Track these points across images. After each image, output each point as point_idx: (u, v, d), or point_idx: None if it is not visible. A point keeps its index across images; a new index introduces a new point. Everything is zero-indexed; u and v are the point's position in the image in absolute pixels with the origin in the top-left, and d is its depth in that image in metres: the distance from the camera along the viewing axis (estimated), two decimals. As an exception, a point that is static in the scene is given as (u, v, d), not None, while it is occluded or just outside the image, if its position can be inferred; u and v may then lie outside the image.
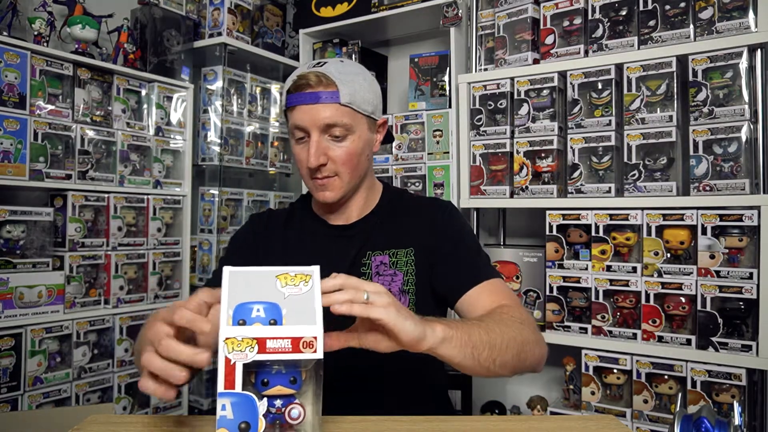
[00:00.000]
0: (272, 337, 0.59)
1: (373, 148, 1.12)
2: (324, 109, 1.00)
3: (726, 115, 1.53)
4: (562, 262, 1.75)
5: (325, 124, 1.01)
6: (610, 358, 1.66)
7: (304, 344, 0.59)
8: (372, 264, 1.08)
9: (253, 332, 0.59)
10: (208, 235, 2.28)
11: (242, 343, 0.59)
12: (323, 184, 1.04)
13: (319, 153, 1.01)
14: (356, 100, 1.03)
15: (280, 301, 0.62)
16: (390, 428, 0.78)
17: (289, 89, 1.04)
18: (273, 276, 0.65)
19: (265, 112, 2.47)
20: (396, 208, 1.15)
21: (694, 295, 1.54)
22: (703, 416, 0.78)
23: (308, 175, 1.05)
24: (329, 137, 1.02)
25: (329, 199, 1.06)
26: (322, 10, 2.34)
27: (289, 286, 0.64)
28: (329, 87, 1.00)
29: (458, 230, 1.11)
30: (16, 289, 1.64)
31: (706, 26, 1.58)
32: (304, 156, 1.03)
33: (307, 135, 1.02)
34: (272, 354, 0.59)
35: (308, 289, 0.64)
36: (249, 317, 0.61)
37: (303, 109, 1.01)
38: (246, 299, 0.62)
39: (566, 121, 1.78)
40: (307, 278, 0.65)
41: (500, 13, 1.91)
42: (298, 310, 0.62)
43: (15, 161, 1.65)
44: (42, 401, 1.69)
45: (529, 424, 0.84)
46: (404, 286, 1.07)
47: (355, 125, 1.03)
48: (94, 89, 1.90)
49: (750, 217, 1.47)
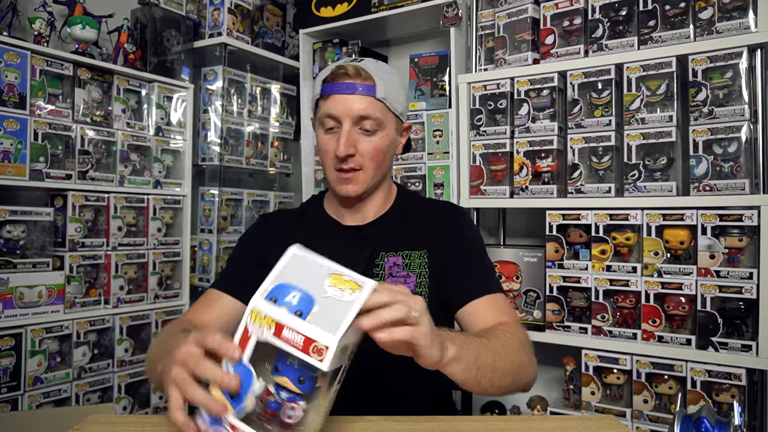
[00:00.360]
0: (290, 328, 0.58)
1: (396, 149, 1.13)
2: (359, 100, 1.01)
3: (726, 115, 1.53)
4: (562, 262, 1.75)
5: (358, 116, 1.01)
6: (610, 358, 1.66)
7: (314, 349, 0.57)
8: (385, 265, 1.08)
9: (276, 314, 0.59)
10: (208, 235, 2.28)
11: (263, 320, 0.59)
12: (348, 177, 1.04)
13: (350, 143, 1.02)
14: (390, 98, 1.04)
15: (318, 298, 0.61)
16: (390, 428, 0.78)
17: (325, 78, 1.04)
18: (327, 272, 0.64)
19: (265, 112, 2.47)
20: (410, 210, 1.15)
21: (694, 295, 1.54)
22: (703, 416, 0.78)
23: (333, 166, 1.05)
24: (360, 130, 1.03)
25: (351, 193, 1.05)
26: (322, 10, 2.34)
27: (335, 287, 0.62)
28: (366, 80, 1.02)
29: (470, 238, 1.12)
30: (16, 289, 1.64)
31: (706, 26, 1.58)
32: (332, 145, 1.03)
33: (338, 125, 1.03)
34: (284, 343, 0.58)
35: (351, 299, 0.61)
36: (282, 299, 0.60)
37: (338, 99, 1.02)
38: (290, 281, 0.62)
39: (566, 121, 1.78)
40: (357, 288, 0.62)
41: (500, 13, 1.91)
42: (328, 313, 0.59)
43: (15, 161, 1.65)
44: (42, 401, 1.69)
45: (529, 424, 0.84)
46: (417, 288, 1.06)
47: (385, 122, 1.05)
48: (94, 89, 1.90)
49: (750, 217, 1.48)
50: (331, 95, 1.02)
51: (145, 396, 2.02)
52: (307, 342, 0.57)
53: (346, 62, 1.04)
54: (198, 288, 2.27)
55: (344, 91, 1.01)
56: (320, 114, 1.05)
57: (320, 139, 1.07)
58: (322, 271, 0.64)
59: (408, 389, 1.04)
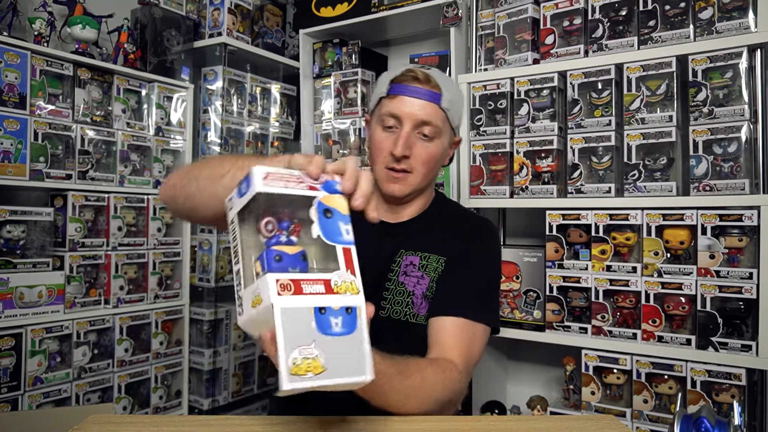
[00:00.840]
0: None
1: (444, 160, 1.15)
2: (425, 106, 1.04)
3: (726, 115, 1.53)
4: (562, 262, 1.75)
5: (420, 120, 1.04)
6: (610, 358, 1.66)
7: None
8: (402, 262, 1.08)
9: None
10: (209, 235, 2.28)
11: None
12: (397, 176, 1.06)
13: (407, 145, 1.04)
14: (452, 109, 1.07)
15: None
16: (390, 428, 0.78)
17: (394, 79, 1.06)
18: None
19: (265, 112, 2.47)
20: (441, 216, 1.16)
21: (694, 295, 1.54)
22: (703, 416, 0.78)
23: (384, 163, 1.07)
24: (418, 134, 1.05)
25: (397, 193, 1.07)
26: (322, 10, 2.34)
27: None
28: (434, 88, 1.05)
29: (486, 259, 1.11)
30: (16, 289, 1.64)
31: (706, 26, 1.58)
32: (389, 144, 1.05)
33: (398, 126, 1.05)
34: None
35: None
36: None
37: (404, 100, 1.04)
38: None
39: (566, 121, 1.78)
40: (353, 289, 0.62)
41: (500, 13, 1.91)
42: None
43: (15, 161, 1.65)
44: (42, 401, 1.69)
45: (529, 424, 0.84)
46: (428, 291, 1.07)
47: (443, 131, 1.07)
48: (94, 89, 1.90)
49: (750, 217, 1.47)
50: (397, 96, 1.04)
51: (145, 396, 2.02)
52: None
53: (417, 67, 1.07)
54: (198, 288, 2.27)
55: (411, 94, 1.03)
56: (382, 111, 1.07)
57: (376, 135, 1.08)
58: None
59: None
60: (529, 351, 2.05)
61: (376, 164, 1.09)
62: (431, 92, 1.04)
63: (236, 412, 2.35)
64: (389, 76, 1.09)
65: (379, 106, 1.09)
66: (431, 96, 1.04)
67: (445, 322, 1.00)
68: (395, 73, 1.08)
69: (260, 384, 2.43)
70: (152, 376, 2.03)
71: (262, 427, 0.78)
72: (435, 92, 1.05)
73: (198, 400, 2.23)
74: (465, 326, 1.00)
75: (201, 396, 2.23)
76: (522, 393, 2.03)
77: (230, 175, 0.79)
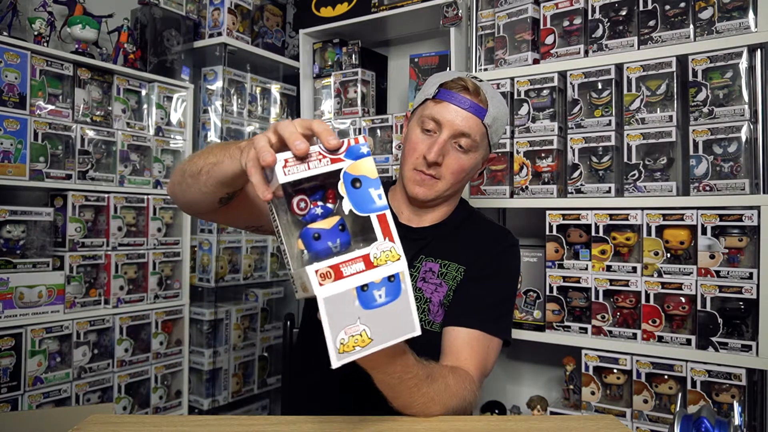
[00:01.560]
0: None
1: (475, 174, 1.15)
2: (468, 118, 1.03)
3: (726, 115, 1.53)
4: (562, 262, 1.75)
5: (460, 131, 1.04)
6: (610, 358, 1.66)
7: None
8: (421, 268, 1.08)
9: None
10: (208, 235, 2.28)
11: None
12: (424, 180, 1.06)
13: (441, 152, 1.04)
14: (494, 126, 1.07)
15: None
16: (390, 428, 0.78)
17: (443, 83, 1.06)
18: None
19: (265, 112, 2.47)
20: (463, 225, 1.15)
21: (694, 295, 1.54)
22: (703, 416, 0.78)
23: (414, 165, 1.06)
24: (454, 144, 1.05)
25: (420, 196, 1.07)
26: (322, 10, 2.34)
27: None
28: (481, 102, 1.04)
29: (504, 271, 1.11)
30: (16, 289, 1.64)
31: (706, 26, 1.58)
32: (423, 147, 1.05)
33: (438, 131, 1.05)
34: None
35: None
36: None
37: (449, 108, 1.04)
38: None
39: (566, 121, 1.78)
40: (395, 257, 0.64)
41: (500, 13, 1.91)
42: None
43: (15, 161, 1.65)
44: (42, 401, 1.69)
45: (529, 424, 0.84)
46: (445, 299, 1.06)
47: (480, 146, 1.07)
48: (94, 89, 1.90)
49: (750, 217, 1.47)
50: (443, 101, 1.04)
51: (145, 396, 2.02)
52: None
53: (468, 77, 1.07)
54: (198, 288, 2.27)
55: (457, 103, 1.03)
56: (425, 113, 1.06)
57: (413, 135, 1.08)
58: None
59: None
60: (529, 351, 2.05)
61: (406, 163, 1.08)
62: (477, 105, 1.04)
63: (236, 412, 2.36)
64: (440, 79, 1.08)
65: (423, 106, 1.08)
66: (476, 109, 1.04)
67: (461, 333, 1.00)
68: (447, 77, 1.07)
69: (260, 384, 2.43)
70: (152, 376, 2.03)
71: (262, 427, 0.78)
72: (481, 106, 1.04)
73: (198, 400, 2.23)
74: (481, 339, 1.00)
75: (201, 396, 2.23)
76: (522, 393, 2.03)
77: (206, 170, 0.82)
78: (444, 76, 1.08)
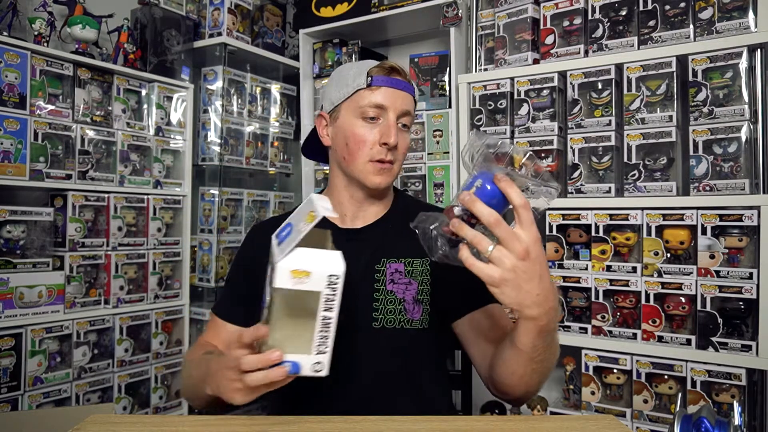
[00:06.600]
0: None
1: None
2: (406, 96, 1.06)
3: (726, 115, 1.53)
4: (562, 262, 1.75)
5: (404, 110, 1.06)
6: (610, 358, 1.66)
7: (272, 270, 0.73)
8: (387, 271, 1.07)
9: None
10: (208, 235, 2.28)
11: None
12: (384, 167, 1.05)
13: (396, 133, 1.04)
14: (415, 101, 1.12)
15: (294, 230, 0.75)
16: (390, 428, 0.78)
17: (372, 71, 1.06)
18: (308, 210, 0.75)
19: (265, 112, 2.47)
20: (411, 216, 1.14)
21: (694, 295, 1.54)
22: (703, 416, 0.78)
23: (370, 157, 1.04)
24: (398, 124, 1.06)
25: (382, 185, 1.06)
26: (322, 10, 2.34)
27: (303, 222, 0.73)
28: (407, 80, 1.08)
29: None
30: (16, 289, 1.64)
31: (706, 26, 1.58)
32: (374, 135, 1.04)
33: (381, 116, 1.05)
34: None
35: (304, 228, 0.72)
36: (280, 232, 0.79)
37: (389, 91, 1.05)
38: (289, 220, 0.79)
39: (566, 121, 1.78)
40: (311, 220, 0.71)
41: (500, 13, 1.91)
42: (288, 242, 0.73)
43: (15, 161, 1.65)
44: (42, 401, 1.69)
45: (529, 424, 0.84)
46: (419, 295, 1.06)
47: (412, 122, 1.12)
48: (94, 89, 1.90)
49: (750, 217, 1.47)
50: (381, 87, 1.05)
51: (145, 396, 2.02)
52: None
53: (386, 61, 1.10)
54: (198, 288, 2.27)
55: (395, 86, 1.05)
56: (363, 103, 1.04)
57: (356, 129, 1.05)
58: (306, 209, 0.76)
59: (408, 389, 1.04)
60: (529, 351, 2.04)
61: (357, 159, 1.05)
62: (409, 85, 1.08)
63: (236, 412, 2.34)
64: (365, 67, 1.07)
65: (356, 98, 1.06)
66: (409, 88, 1.07)
67: (494, 310, 1.03)
68: (370, 65, 1.07)
69: (260, 384, 2.43)
70: (152, 376, 2.03)
71: (262, 427, 0.78)
72: (410, 85, 1.08)
73: (198, 400, 2.23)
74: (500, 307, 1.04)
75: (201, 396, 2.23)
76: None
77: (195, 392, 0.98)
78: (366, 64, 1.08)
